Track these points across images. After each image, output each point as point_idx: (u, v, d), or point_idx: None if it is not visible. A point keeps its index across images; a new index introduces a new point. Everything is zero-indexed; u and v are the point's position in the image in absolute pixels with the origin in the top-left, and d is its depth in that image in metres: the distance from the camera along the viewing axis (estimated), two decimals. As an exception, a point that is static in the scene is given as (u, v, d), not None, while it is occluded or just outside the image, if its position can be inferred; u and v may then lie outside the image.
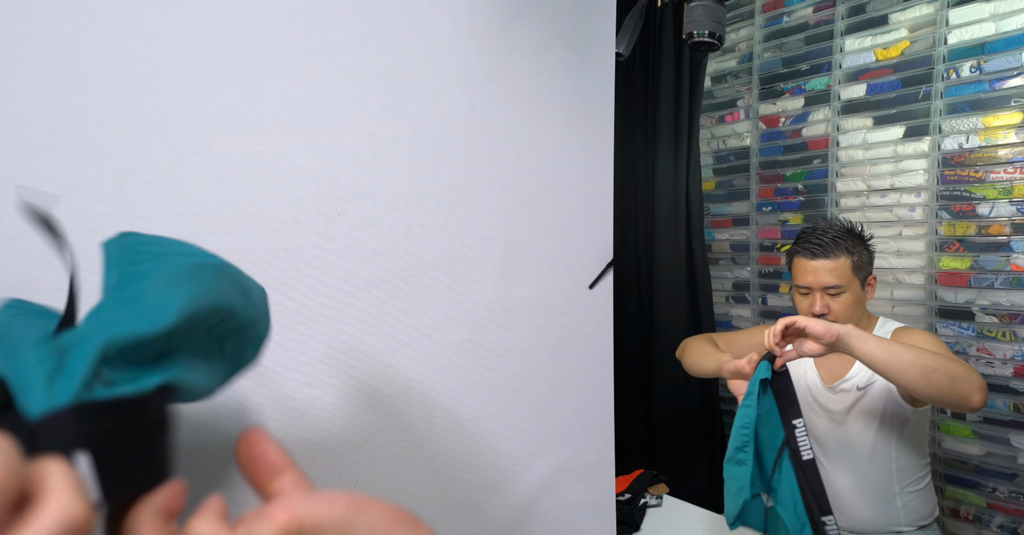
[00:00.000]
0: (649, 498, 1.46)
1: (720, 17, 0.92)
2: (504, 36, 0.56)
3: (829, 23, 1.99)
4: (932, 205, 1.81)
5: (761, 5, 2.16)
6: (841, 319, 1.30)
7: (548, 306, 0.60)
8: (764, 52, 2.17)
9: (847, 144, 1.98)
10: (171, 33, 0.48)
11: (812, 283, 1.31)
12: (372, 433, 0.55)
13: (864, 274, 1.33)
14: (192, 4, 0.48)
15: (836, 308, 1.30)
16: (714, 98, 2.34)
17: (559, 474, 0.60)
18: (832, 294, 1.30)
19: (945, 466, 1.85)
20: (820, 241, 1.32)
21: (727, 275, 2.38)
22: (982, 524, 1.79)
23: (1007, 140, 1.67)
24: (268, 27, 0.50)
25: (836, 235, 1.32)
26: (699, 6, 0.91)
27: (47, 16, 0.45)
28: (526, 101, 0.57)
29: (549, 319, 0.60)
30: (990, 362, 1.74)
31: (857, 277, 1.31)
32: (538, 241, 0.59)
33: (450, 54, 0.55)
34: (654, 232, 2.15)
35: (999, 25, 1.66)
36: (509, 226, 0.58)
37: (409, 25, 0.53)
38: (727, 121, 2.30)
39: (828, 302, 1.30)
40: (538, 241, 0.59)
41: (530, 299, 0.59)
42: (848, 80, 1.98)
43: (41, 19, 0.45)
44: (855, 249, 1.32)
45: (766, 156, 2.20)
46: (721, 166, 2.35)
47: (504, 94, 0.57)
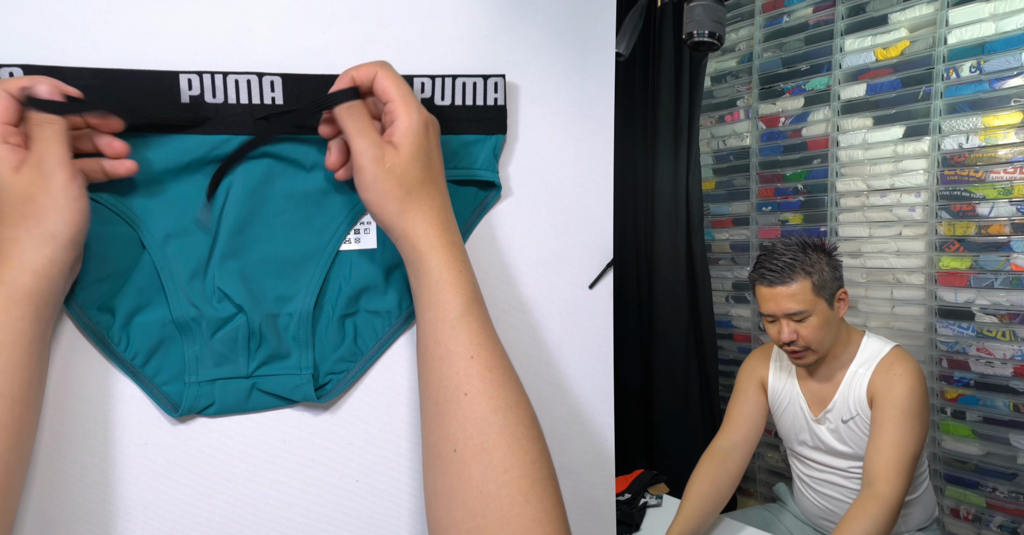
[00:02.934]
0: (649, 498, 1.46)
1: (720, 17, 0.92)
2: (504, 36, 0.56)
3: (829, 23, 1.99)
4: (932, 205, 1.81)
5: (761, 5, 2.16)
6: (812, 343, 1.25)
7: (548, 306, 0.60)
8: (764, 52, 2.18)
9: (847, 144, 1.98)
10: (171, 33, 0.48)
11: (774, 311, 1.26)
12: (372, 433, 0.55)
13: (829, 292, 1.26)
14: (192, 4, 0.48)
15: (805, 333, 1.24)
16: (714, 98, 2.34)
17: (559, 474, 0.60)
18: (797, 320, 1.24)
19: (945, 466, 1.85)
20: (775, 266, 1.25)
21: (727, 275, 2.38)
22: (982, 524, 1.79)
23: (1007, 140, 1.67)
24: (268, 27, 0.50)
25: (791, 258, 1.25)
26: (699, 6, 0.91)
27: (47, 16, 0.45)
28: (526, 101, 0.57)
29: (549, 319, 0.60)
30: (990, 362, 1.74)
31: (821, 297, 1.25)
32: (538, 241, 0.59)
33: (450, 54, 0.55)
34: (654, 232, 2.15)
35: (999, 25, 1.66)
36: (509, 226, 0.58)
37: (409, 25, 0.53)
38: (727, 121, 2.30)
39: (795, 328, 1.25)
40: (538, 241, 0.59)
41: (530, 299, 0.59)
42: (848, 80, 1.98)
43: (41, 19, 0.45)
44: (814, 268, 1.25)
45: (766, 156, 2.20)
46: (721, 166, 2.35)
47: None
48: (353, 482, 0.54)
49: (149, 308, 0.48)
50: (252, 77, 0.48)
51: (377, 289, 0.53)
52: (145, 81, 0.46)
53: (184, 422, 0.50)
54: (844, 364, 1.32)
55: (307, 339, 0.51)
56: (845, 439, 1.30)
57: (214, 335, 0.49)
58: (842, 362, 1.32)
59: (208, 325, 0.48)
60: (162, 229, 0.47)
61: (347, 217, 0.52)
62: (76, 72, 0.44)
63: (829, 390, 1.32)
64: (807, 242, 1.29)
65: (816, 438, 1.35)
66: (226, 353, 0.49)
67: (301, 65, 0.50)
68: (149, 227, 0.47)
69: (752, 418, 1.41)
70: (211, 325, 0.48)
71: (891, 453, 1.17)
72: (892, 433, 1.19)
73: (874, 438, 1.20)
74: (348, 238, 0.52)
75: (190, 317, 0.48)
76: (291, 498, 0.53)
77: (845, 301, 1.31)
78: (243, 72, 0.48)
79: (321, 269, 0.51)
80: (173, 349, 0.48)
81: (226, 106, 0.48)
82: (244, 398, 0.50)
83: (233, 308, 0.49)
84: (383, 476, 0.55)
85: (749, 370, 1.47)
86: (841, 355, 1.32)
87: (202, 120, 0.47)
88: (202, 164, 0.48)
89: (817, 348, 1.27)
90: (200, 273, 0.48)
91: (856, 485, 1.31)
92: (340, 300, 0.52)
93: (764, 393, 1.44)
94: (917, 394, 1.22)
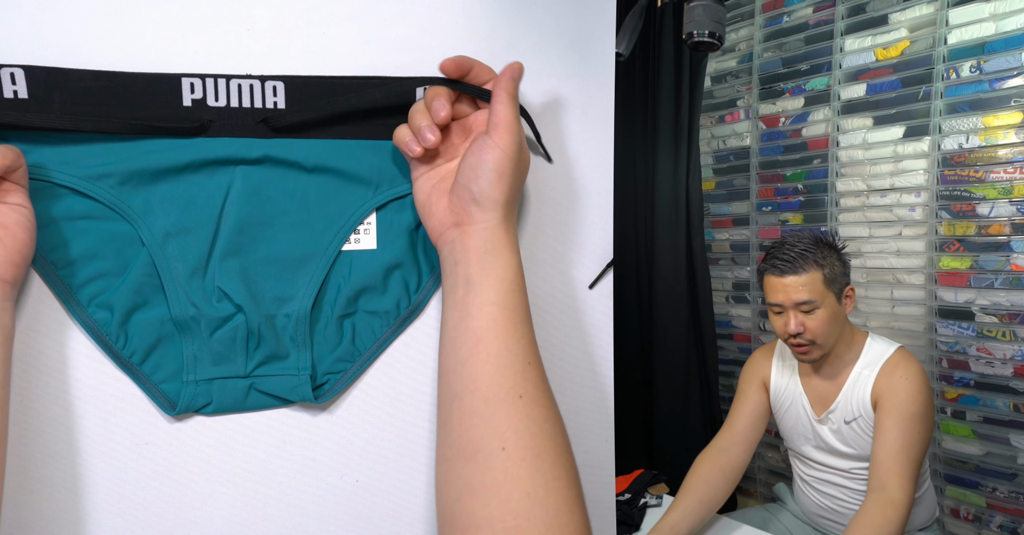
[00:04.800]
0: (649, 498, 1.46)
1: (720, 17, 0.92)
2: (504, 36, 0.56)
3: (829, 23, 1.99)
4: (932, 205, 1.81)
5: (761, 5, 2.16)
6: (819, 337, 1.25)
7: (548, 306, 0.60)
8: (764, 52, 2.18)
9: (847, 144, 1.98)
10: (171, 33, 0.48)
11: (783, 301, 1.26)
12: (372, 433, 0.55)
13: (839, 287, 1.27)
14: (192, 4, 0.48)
15: (812, 325, 1.24)
16: (714, 98, 2.34)
17: (559, 474, 0.60)
18: (805, 311, 1.24)
19: (945, 466, 1.85)
20: (787, 256, 1.26)
21: (727, 275, 2.38)
22: (982, 524, 1.79)
23: (1007, 140, 1.67)
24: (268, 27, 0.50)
25: (804, 249, 1.26)
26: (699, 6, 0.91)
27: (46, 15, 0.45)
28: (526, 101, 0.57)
29: (549, 319, 0.60)
30: (990, 362, 1.74)
31: (831, 290, 1.25)
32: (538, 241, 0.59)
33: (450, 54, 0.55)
34: (654, 232, 2.15)
35: (999, 25, 1.66)
36: (509, 226, 0.58)
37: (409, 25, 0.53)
38: (727, 121, 2.30)
39: (803, 320, 1.24)
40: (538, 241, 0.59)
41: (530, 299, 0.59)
42: (848, 80, 1.98)
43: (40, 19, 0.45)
44: (825, 261, 1.26)
45: (766, 156, 2.20)
46: (721, 166, 2.35)
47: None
48: (353, 482, 0.54)
49: (148, 306, 0.48)
50: (255, 81, 0.48)
51: (376, 290, 0.53)
52: (146, 84, 0.46)
53: (184, 422, 0.50)
54: (848, 364, 1.31)
55: (305, 340, 0.51)
56: (847, 440, 1.30)
57: (213, 334, 0.49)
58: (845, 362, 1.32)
59: (207, 324, 0.48)
60: (162, 227, 0.47)
61: (349, 219, 0.52)
62: (77, 74, 0.44)
63: (832, 390, 1.32)
64: (819, 238, 1.30)
65: (818, 438, 1.35)
66: (224, 352, 0.49)
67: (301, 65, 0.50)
68: (149, 225, 0.47)
69: (752, 417, 1.41)
70: (210, 324, 0.48)
71: (900, 457, 1.17)
72: (900, 437, 1.19)
73: (881, 442, 1.20)
74: (348, 238, 0.52)
75: (189, 316, 0.48)
76: (291, 498, 0.53)
77: (852, 299, 1.31)
78: (245, 76, 0.48)
79: (321, 270, 0.51)
80: (171, 347, 0.48)
81: (228, 110, 0.48)
82: (242, 398, 0.50)
83: (232, 307, 0.49)
84: (383, 476, 0.55)
85: (751, 370, 1.47)
86: (845, 354, 1.32)
87: (205, 126, 0.47)
88: (203, 164, 0.48)
89: (823, 343, 1.26)
90: (200, 272, 0.48)
91: (857, 485, 1.31)
92: (339, 300, 0.52)
93: (766, 393, 1.44)
94: (922, 397, 1.22)
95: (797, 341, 1.27)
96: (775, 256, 1.28)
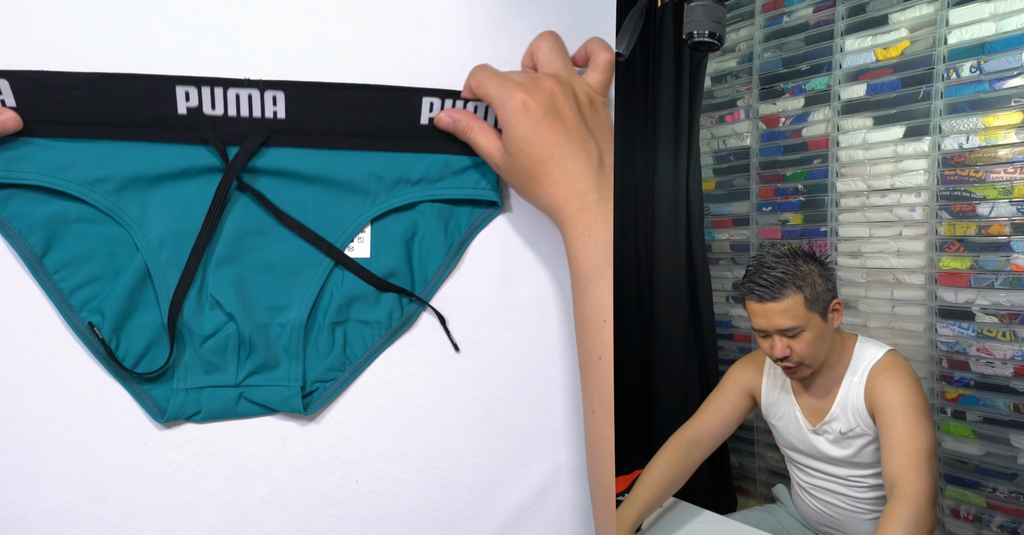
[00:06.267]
0: (649, 498, 1.46)
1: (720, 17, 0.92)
2: (504, 36, 0.56)
3: (829, 23, 1.99)
4: (932, 205, 1.81)
5: (761, 5, 2.16)
6: (806, 358, 1.22)
7: (548, 306, 0.60)
8: (764, 52, 2.18)
9: (847, 144, 1.98)
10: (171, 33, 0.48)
11: (766, 327, 1.21)
12: (373, 432, 0.55)
13: (822, 305, 1.22)
14: (192, 4, 0.48)
15: (798, 348, 1.20)
16: (714, 98, 2.34)
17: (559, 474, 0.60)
18: (790, 336, 1.20)
19: (945, 466, 1.85)
20: (765, 282, 1.20)
21: (727, 275, 2.38)
22: (982, 524, 1.79)
23: (1007, 140, 1.67)
24: (268, 27, 0.50)
25: (782, 272, 1.19)
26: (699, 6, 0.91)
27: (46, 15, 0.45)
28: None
29: (549, 319, 0.60)
30: (990, 362, 1.74)
31: (814, 311, 1.20)
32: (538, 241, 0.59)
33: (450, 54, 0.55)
34: (654, 232, 2.15)
35: (999, 25, 1.66)
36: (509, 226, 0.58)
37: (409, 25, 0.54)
38: (727, 121, 2.30)
39: (788, 343, 1.20)
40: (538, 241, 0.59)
41: (530, 299, 0.59)
42: (848, 80, 1.98)
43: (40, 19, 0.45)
44: (805, 282, 1.19)
45: (766, 156, 2.20)
46: (721, 166, 2.35)
47: (504, 94, 0.57)
48: (353, 482, 0.54)
49: (140, 311, 0.48)
50: (254, 91, 0.48)
51: (368, 299, 0.53)
52: (140, 89, 0.45)
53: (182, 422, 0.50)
54: (839, 374, 1.29)
55: (298, 351, 0.51)
56: (844, 449, 1.29)
57: (204, 343, 0.48)
58: (837, 372, 1.30)
59: (199, 332, 0.48)
60: (157, 233, 0.47)
61: (347, 229, 0.52)
62: (68, 80, 0.44)
63: (826, 402, 1.30)
64: (797, 252, 1.24)
65: (814, 448, 1.34)
66: (215, 361, 0.49)
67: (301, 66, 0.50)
68: (144, 230, 0.47)
69: (726, 420, 1.39)
70: (202, 332, 0.48)
71: (905, 450, 1.14)
72: (899, 432, 1.16)
73: (884, 443, 1.18)
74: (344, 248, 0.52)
75: (181, 323, 0.48)
76: (291, 498, 0.53)
77: (839, 312, 1.27)
78: (244, 83, 0.47)
79: (318, 280, 0.51)
80: (162, 354, 0.48)
81: (226, 119, 0.47)
82: (231, 407, 0.50)
83: (224, 316, 0.49)
84: (383, 476, 0.55)
85: (739, 375, 1.44)
86: (836, 364, 1.30)
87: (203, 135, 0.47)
88: (200, 171, 0.48)
89: (811, 363, 1.24)
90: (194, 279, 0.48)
91: (856, 493, 1.30)
92: (331, 308, 0.52)
93: (750, 401, 1.42)
94: (912, 390, 1.20)
95: (785, 363, 1.24)
96: (753, 281, 1.22)
